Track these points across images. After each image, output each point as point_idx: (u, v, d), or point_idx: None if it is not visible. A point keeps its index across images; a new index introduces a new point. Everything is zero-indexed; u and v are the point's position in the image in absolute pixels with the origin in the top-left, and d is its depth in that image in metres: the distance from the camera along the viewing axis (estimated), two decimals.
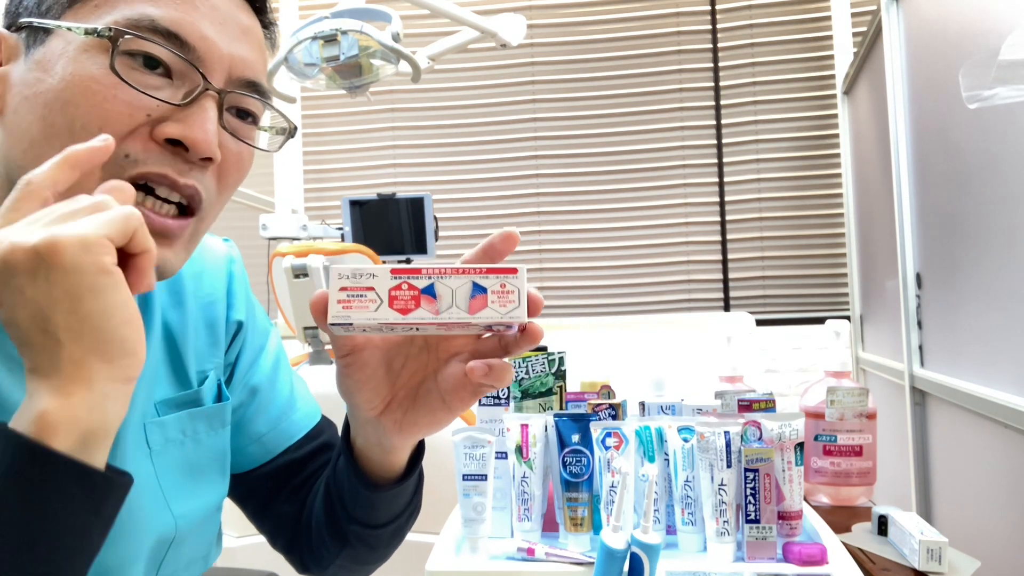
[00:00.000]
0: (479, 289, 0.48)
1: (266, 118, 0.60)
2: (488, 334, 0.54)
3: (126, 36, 0.49)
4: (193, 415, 0.64)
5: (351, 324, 0.47)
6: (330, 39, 1.60)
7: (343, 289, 0.47)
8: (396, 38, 1.66)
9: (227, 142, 0.55)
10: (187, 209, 0.54)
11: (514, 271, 0.48)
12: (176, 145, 0.51)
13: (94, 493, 0.41)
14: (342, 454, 0.63)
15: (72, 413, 0.40)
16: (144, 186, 0.51)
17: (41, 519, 0.39)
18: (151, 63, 0.51)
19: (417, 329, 0.48)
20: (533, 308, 0.48)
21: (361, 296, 0.47)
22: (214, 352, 0.68)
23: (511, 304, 0.47)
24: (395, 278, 0.47)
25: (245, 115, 0.57)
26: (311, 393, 0.78)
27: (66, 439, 0.40)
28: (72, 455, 0.40)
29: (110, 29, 0.49)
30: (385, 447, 0.59)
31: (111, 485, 0.42)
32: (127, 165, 0.50)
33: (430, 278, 0.47)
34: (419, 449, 0.63)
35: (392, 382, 0.55)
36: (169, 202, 0.52)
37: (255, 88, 0.56)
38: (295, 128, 0.62)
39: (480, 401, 0.94)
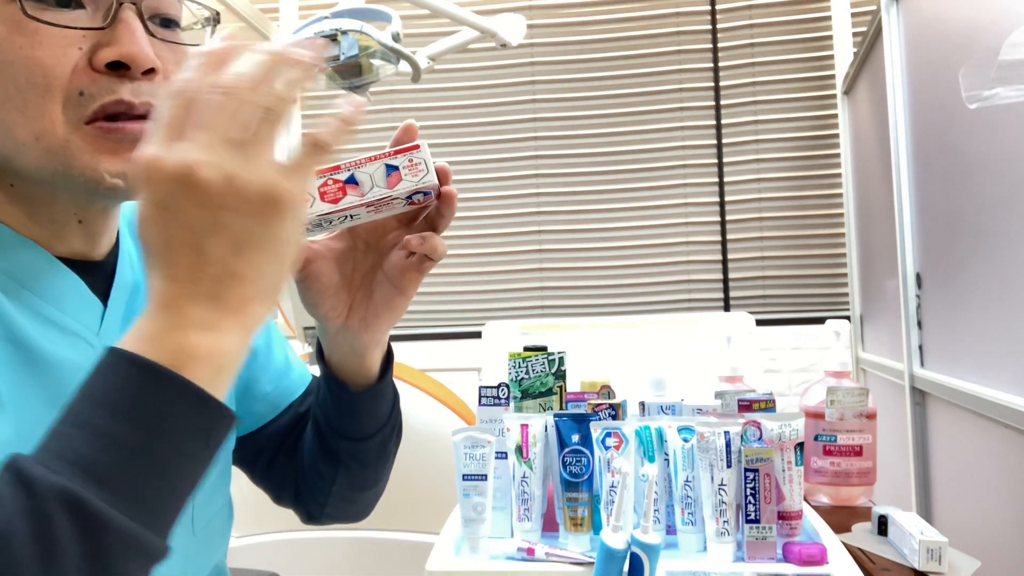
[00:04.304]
0: (391, 168, 0.56)
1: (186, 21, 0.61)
2: (414, 219, 0.62)
3: None
4: None
5: None
6: (330, 39, 1.60)
7: None
8: (396, 38, 1.66)
9: (163, 51, 0.55)
10: None
11: (417, 147, 0.57)
12: (119, 68, 0.52)
13: (209, 423, 0.42)
14: (323, 378, 0.68)
15: (219, 347, 0.42)
16: (107, 117, 0.52)
17: (157, 441, 0.40)
18: (60, 1, 0.51)
19: (351, 217, 0.56)
20: (443, 177, 0.58)
21: None
22: None
23: (421, 172, 0.56)
24: (319, 177, 0.55)
25: (168, 23, 0.57)
26: (298, 357, 0.83)
27: (204, 371, 0.41)
28: (203, 386, 0.41)
29: None
30: (357, 351, 0.65)
31: (225, 417, 0.43)
32: (85, 102, 0.51)
33: (349, 170, 0.56)
34: (389, 358, 0.69)
35: (348, 286, 0.62)
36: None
37: None
38: (217, 13, 0.63)
39: (480, 401, 0.94)
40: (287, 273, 0.45)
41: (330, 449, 0.70)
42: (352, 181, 0.55)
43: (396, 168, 0.56)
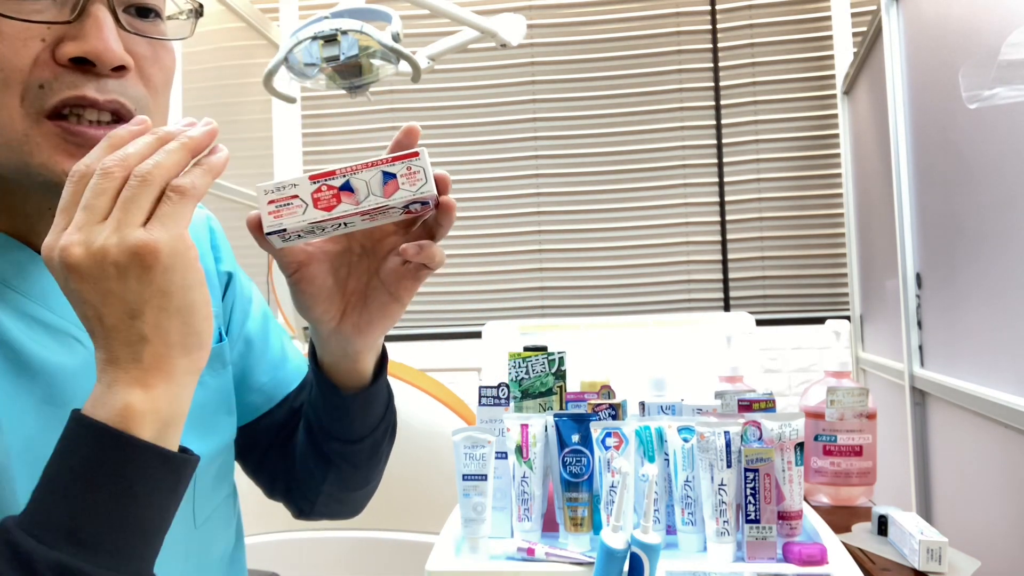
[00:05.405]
0: (389, 176, 0.54)
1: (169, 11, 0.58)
2: (412, 225, 0.60)
3: None
4: None
5: (284, 230, 0.53)
6: (330, 39, 1.60)
7: (271, 202, 0.53)
8: (396, 38, 1.66)
9: (136, 45, 0.53)
10: (122, 120, 0.53)
11: (416, 154, 0.54)
12: (83, 63, 0.50)
13: (173, 475, 0.45)
14: (314, 379, 0.67)
15: (154, 404, 0.44)
16: (72, 111, 0.51)
17: (130, 503, 0.43)
18: None
19: (345, 224, 0.54)
20: (443, 186, 0.55)
21: (288, 204, 0.53)
22: (212, 300, 0.69)
23: (420, 182, 0.54)
24: (314, 183, 0.53)
25: (146, 13, 0.54)
26: (296, 348, 0.82)
27: (149, 428, 0.44)
28: (154, 442, 0.44)
29: None
30: (350, 355, 0.63)
31: (187, 465, 0.46)
32: (44, 95, 0.49)
33: (344, 176, 0.54)
34: (383, 358, 0.68)
35: (342, 291, 0.61)
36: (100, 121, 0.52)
37: None
38: (201, 6, 0.60)
39: (480, 401, 0.94)
40: (202, 320, 0.46)
41: (321, 450, 0.69)
42: (347, 188, 0.53)
43: (393, 176, 0.54)
